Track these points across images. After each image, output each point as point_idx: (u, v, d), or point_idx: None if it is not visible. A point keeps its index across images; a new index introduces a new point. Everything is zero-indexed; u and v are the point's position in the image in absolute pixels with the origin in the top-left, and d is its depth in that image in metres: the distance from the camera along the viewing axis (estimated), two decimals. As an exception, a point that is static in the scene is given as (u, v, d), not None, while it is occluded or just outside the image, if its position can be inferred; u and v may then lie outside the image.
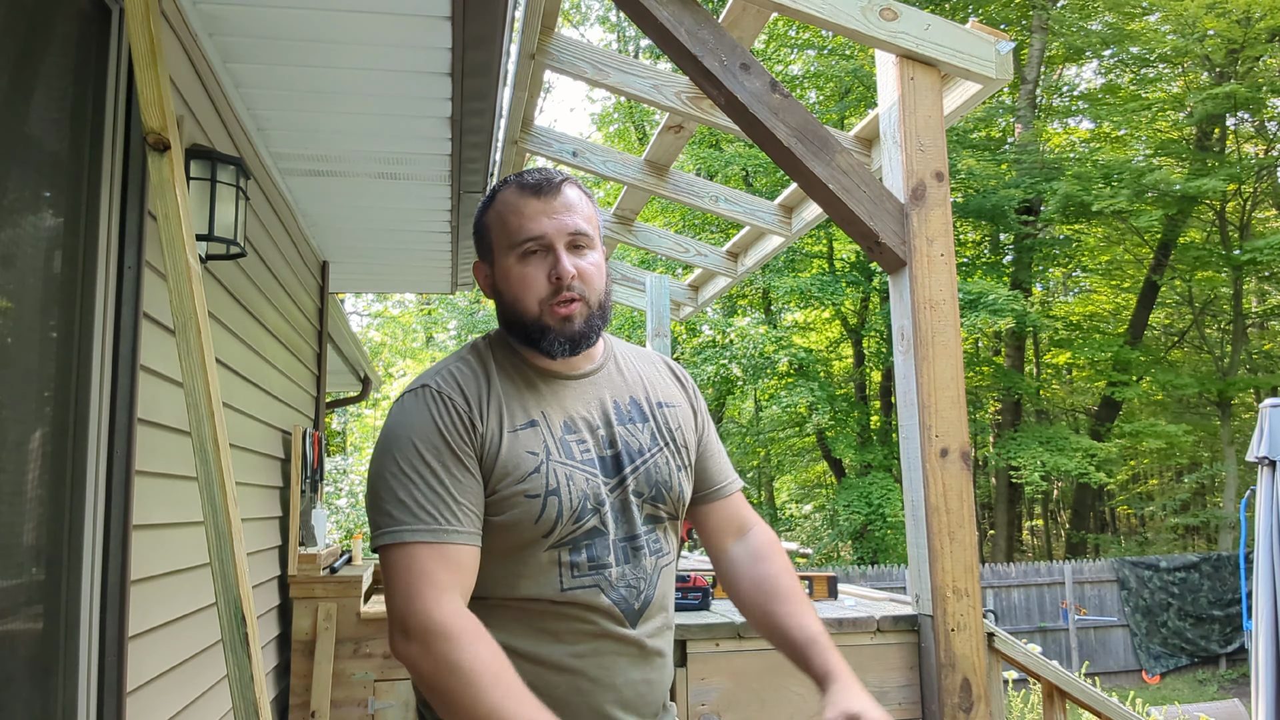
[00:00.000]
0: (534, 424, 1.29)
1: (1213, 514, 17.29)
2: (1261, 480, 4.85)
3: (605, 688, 1.28)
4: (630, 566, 1.30)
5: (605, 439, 1.33)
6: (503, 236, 1.32)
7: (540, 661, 1.26)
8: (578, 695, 1.26)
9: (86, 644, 1.82)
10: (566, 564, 1.26)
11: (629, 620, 1.29)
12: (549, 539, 1.25)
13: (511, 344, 1.37)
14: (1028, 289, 16.89)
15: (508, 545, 1.26)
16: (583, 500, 1.27)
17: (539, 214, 1.30)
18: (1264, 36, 14.90)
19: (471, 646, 1.12)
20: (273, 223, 3.50)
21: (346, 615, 3.63)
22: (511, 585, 1.27)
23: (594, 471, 1.30)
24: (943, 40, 2.41)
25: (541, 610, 1.26)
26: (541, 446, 1.28)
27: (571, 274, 1.28)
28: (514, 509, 1.24)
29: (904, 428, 2.41)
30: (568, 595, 1.26)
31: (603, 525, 1.28)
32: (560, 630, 1.27)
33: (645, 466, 1.35)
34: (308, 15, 2.37)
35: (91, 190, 1.90)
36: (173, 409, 2.24)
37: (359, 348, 6.47)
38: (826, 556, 16.48)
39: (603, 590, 1.27)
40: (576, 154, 3.97)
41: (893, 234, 2.35)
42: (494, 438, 1.26)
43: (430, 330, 18.73)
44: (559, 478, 1.26)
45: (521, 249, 1.30)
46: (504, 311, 1.35)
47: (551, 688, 1.24)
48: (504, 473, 1.24)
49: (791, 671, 1.31)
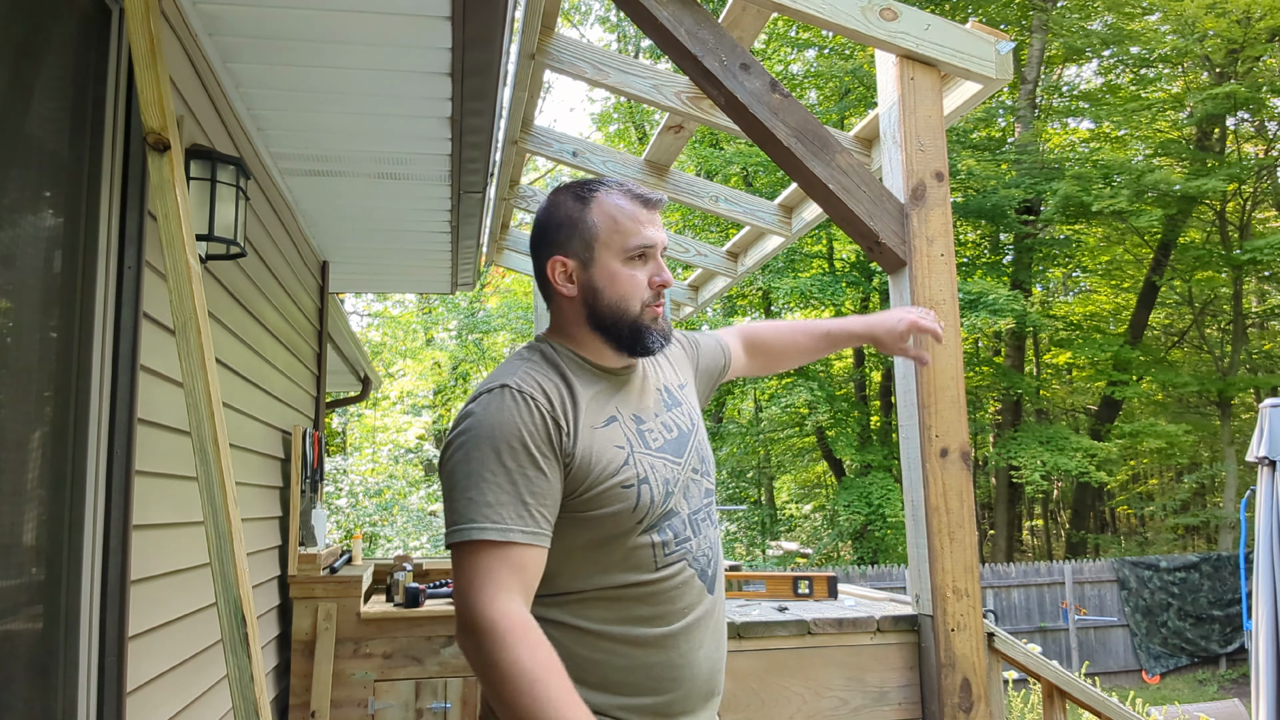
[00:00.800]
0: (614, 419, 1.38)
1: (1213, 514, 17.29)
2: (1261, 480, 4.85)
3: (693, 662, 1.37)
4: (701, 539, 1.42)
5: (664, 425, 1.45)
6: (614, 238, 1.39)
7: (638, 643, 1.33)
8: (672, 671, 1.35)
9: (86, 644, 1.82)
10: (657, 544, 1.36)
11: (708, 587, 1.42)
12: (641, 524, 1.34)
13: (567, 345, 1.44)
14: (1028, 289, 16.88)
15: (603, 536, 1.33)
16: (665, 485, 1.37)
17: (650, 224, 1.41)
18: (1264, 36, 14.89)
19: (515, 648, 1.17)
20: (273, 223, 3.50)
21: (346, 615, 3.63)
22: (607, 574, 1.34)
23: (666, 456, 1.41)
24: (943, 40, 2.41)
25: (636, 595, 1.34)
26: (624, 440, 1.37)
27: (671, 282, 1.43)
28: (613, 501, 1.32)
29: (904, 428, 2.41)
30: (661, 573, 1.35)
31: (678, 505, 1.39)
32: (652, 614, 1.35)
33: (694, 444, 1.48)
34: (308, 15, 2.37)
35: (91, 190, 1.90)
36: (173, 409, 2.24)
37: (359, 348, 6.47)
38: (826, 556, 16.47)
39: (688, 563, 1.39)
40: (576, 154, 3.97)
41: (893, 234, 2.35)
42: (581, 436, 1.33)
43: (430, 330, 18.72)
44: (644, 466, 1.36)
45: (634, 252, 1.39)
46: (599, 308, 1.40)
47: (649, 668, 1.33)
48: (598, 468, 1.32)
49: (791, 671, 1.50)
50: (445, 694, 3.66)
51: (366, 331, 18.28)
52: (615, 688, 1.33)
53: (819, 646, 2.44)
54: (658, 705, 1.34)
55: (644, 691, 1.34)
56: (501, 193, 4.48)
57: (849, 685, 2.43)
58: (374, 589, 4.35)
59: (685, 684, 1.37)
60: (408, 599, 3.73)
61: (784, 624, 2.43)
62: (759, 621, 2.43)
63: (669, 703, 1.35)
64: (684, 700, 1.37)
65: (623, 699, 1.33)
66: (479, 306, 18.43)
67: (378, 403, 16.40)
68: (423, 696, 3.64)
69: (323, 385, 4.82)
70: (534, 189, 5.04)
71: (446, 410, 18.10)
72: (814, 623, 2.45)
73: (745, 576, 2.95)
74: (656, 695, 1.34)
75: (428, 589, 3.84)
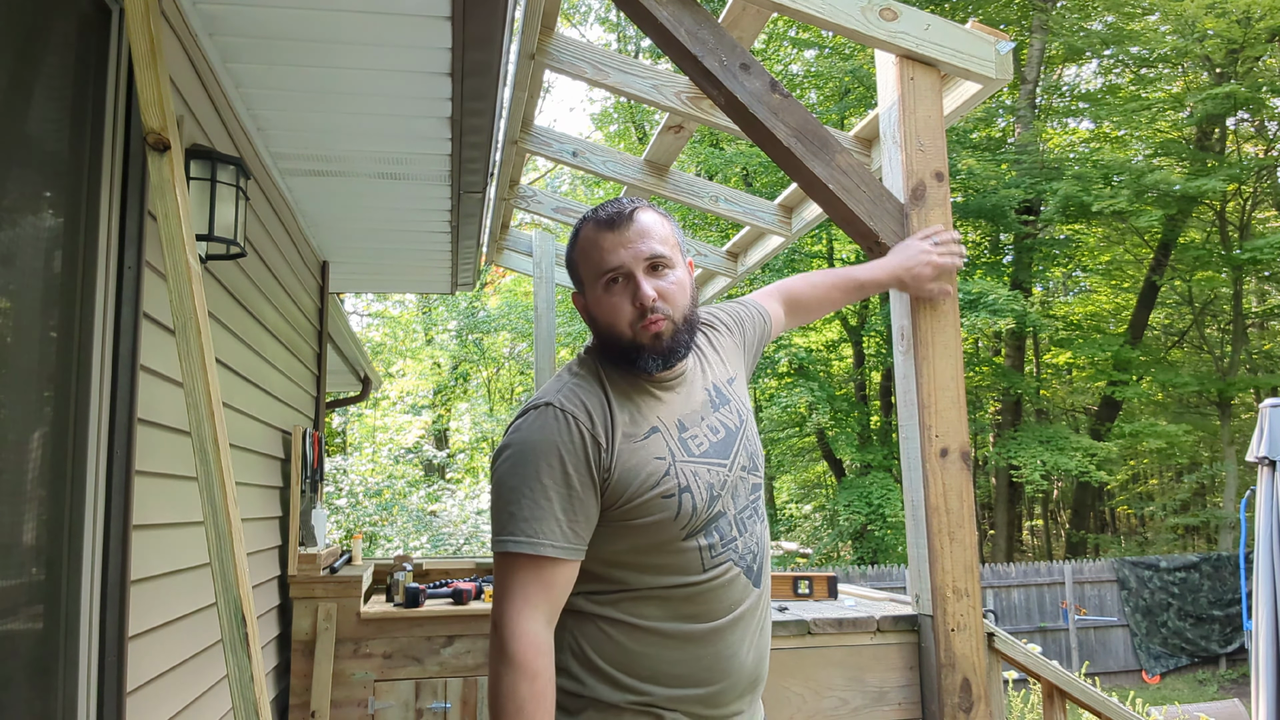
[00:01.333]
0: (655, 430, 1.42)
1: (1213, 514, 17.28)
2: (1261, 480, 4.85)
3: (739, 654, 1.43)
4: (748, 536, 1.47)
5: (711, 427, 1.48)
6: (588, 270, 1.45)
7: (687, 639, 1.39)
8: (720, 663, 1.41)
9: (86, 644, 1.82)
10: (705, 547, 1.40)
11: (754, 582, 1.47)
12: (685, 530, 1.39)
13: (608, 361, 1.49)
14: (1028, 289, 16.87)
15: (649, 543, 1.39)
16: (709, 490, 1.41)
17: (615, 246, 1.42)
18: (1264, 36, 14.88)
19: (515, 674, 1.29)
20: (273, 223, 3.50)
21: (346, 615, 3.63)
22: (657, 576, 1.40)
23: (711, 460, 1.44)
24: (943, 40, 2.40)
25: (685, 595, 1.40)
26: (666, 451, 1.41)
27: (652, 297, 1.40)
28: (655, 511, 1.37)
29: (904, 428, 2.41)
30: (709, 573, 1.40)
31: (725, 506, 1.44)
32: (700, 612, 1.40)
33: (742, 442, 1.51)
34: (308, 15, 2.37)
35: (91, 190, 1.90)
36: (173, 409, 2.24)
37: (359, 347, 6.46)
38: (826, 556, 16.47)
39: (734, 562, 1.43)
40: (576, 154, 3.97)
41: (893, 234, 2.35)
42: (620, 450, 1.38)
43: (430, 330, 18.72)
44: (686, 476, 1.40)
45: (605, 279, 1.42)
46: (600, 337, 1.47)
47: (698, 660, 1.40)
48: (638, 481, 1.37)
49: (791, 671, 1.55)
50: (445, 694, 3.66)
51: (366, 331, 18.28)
52: (666, 680, 1.39)
53: (819, 646, 2.44)
54: (706, 696, 1.41)
55: (693, 683, 1.40)
56: (501, 193, 4.48)
57: (849, 685, 2.43)
58: (374, 589, 4.35)
59: (733, 674, 1.43)
60: (408, 599, 3.73)
61: (784, 624, 2.43)
62: (759, 621, 2.42)
63: (718, 693, 1.42)
64: (731, 690, 1.43)
65: (673, 690, 1.40)
66: (479, 307, 18.41)
67: (378, 403, 16.40)
68: (423, 696, 3.64)
69: (323, 385, 4.82)
70: (534, 189, 5.04)
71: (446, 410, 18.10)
72: (814, 623, 2.45)
73: (745, 576, 2.95)
74: (705, 686, 1.40)
75: (428, 589, 3.84)
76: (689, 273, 1.49)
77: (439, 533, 12.04)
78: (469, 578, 4.28)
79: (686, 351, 1.46)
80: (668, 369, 1.45)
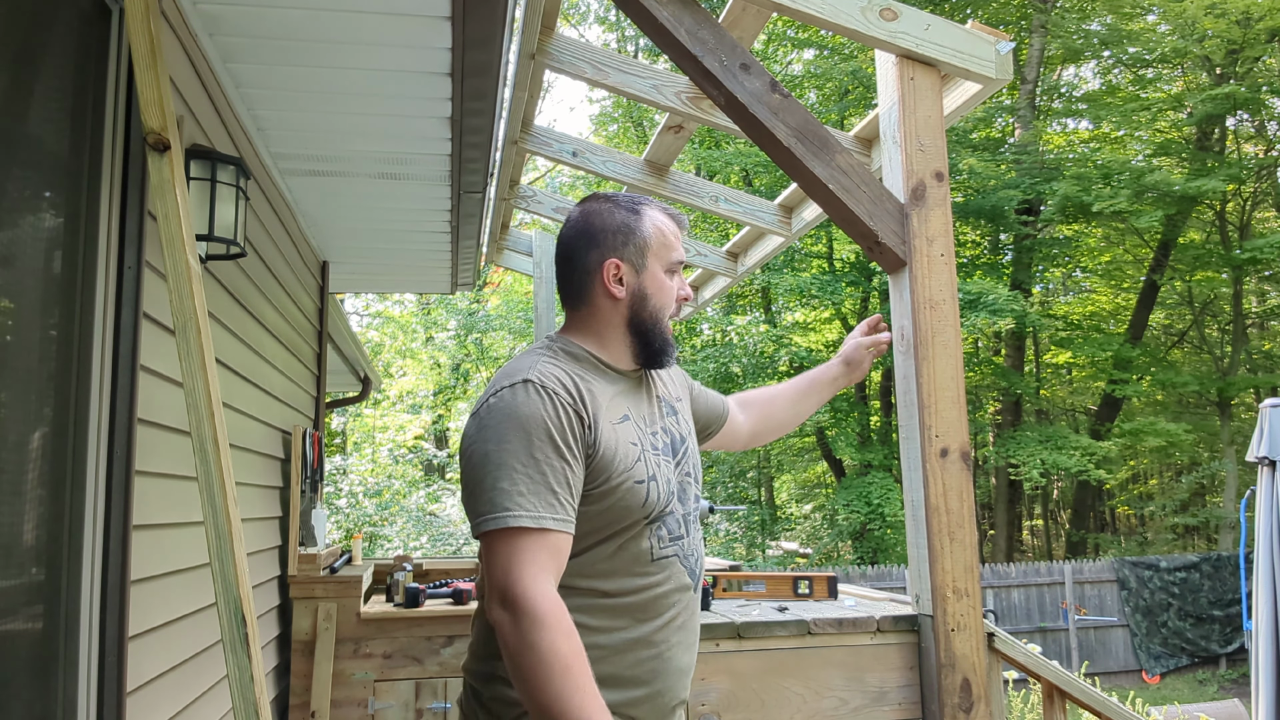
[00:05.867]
0: (627, 418, 1.46)
1: (1213, 514, 17.28)
2: (1261, 480, 4.85)
3: (677, 659, 1.45)
4: (691, 538, 1.51)
5: (664, 429, 1.53)
6: (663, 251, 1.52)
7: (631, 638, 1.40)
8: (661, 664, 1.42)
9: (86, 644, 1.82)
10: (657, 536, 1.44)
11: (694, 585, 1.50)
12: (646, 519, 1.42)
13: (587, 346, 1.50)
14: (1028, 289, 16.87)
15: (612, 528, 1.40)
16: (668, 483, 1.46)
17: (679, 243, 1.55)
18: (1263, 37, 14.88)
19: (552, 633, 1.23)
20: (273, 223, 3.50)
21: (346, 615, 3.63)
22: (612, 565, 1.40)
23: (668, 458, 1.50)
24: (943, 40, 2.40)
25: (632, 589, 1.41)
26: (637, 438, 1.45)
27: (690, 296, 1.56)
28: (627, 495, 1.39)
29: (904, 428, 2.41)
30: (656, 565, 1.43)
31: (675, 503, 1.48)
32: (645, 608, 1.42)
33: (688, 450, 1.57)
34: (307, 15, 2.37)
35: (91, 190, 1.90)
36: (173, 409, 2.24)
37: (359, 348, 6.46)
38: (826, 556, 16.47)
39: (679, 558, 1.47)
40: (576, 154, 3.97)
41: (893, 234, 2.35)
42: (603, 428, 1.39)
43: (430, 330, 18.71)
44: (653, 466, 1.44)
45: (674, 265, 1.53)
46: (643, 313, 1.50)
47: (640, 661, 1.40)
48: (616, 462, 1.39)
49: (791, 671, 1.56)
50: (445, 694, 3.65)
51: (366, 331, 18.28)
52: (608, 682, 1.37)
53: (819, 646, 2.44)
54: (645, 698, 1.41)
55: (634, 684, 1.40)
56: (501, 193, 4.48)
57: (849, 685, 2.43)
58: (374, 589, 4.35)
59: (670, 677, 1.44)
60: (408, 599, 3.73)
61: (784, 624, 2.43)
62: (759, 621, 2.43)
63: (656, 694, 1.42)
64: (667, 694, 1.44)
65: (615, 694, 1.37)
66: (478, 306, 18.41)
67: (378, 403, 16.40)
68: (423, 696, 3.64)
69: (323, 385, 4.82)
70: (534, 189, 5.04)
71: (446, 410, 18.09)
72: (814, 623, 2.45)
73: (745, 576, 2.95)
74: (644, 687, 1.41)
75: (428, 589, 3.84)
76: None
77: (439, 533, 12.05)
78: (469, 578, 4.28)
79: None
80: (670, 366, 1.55)
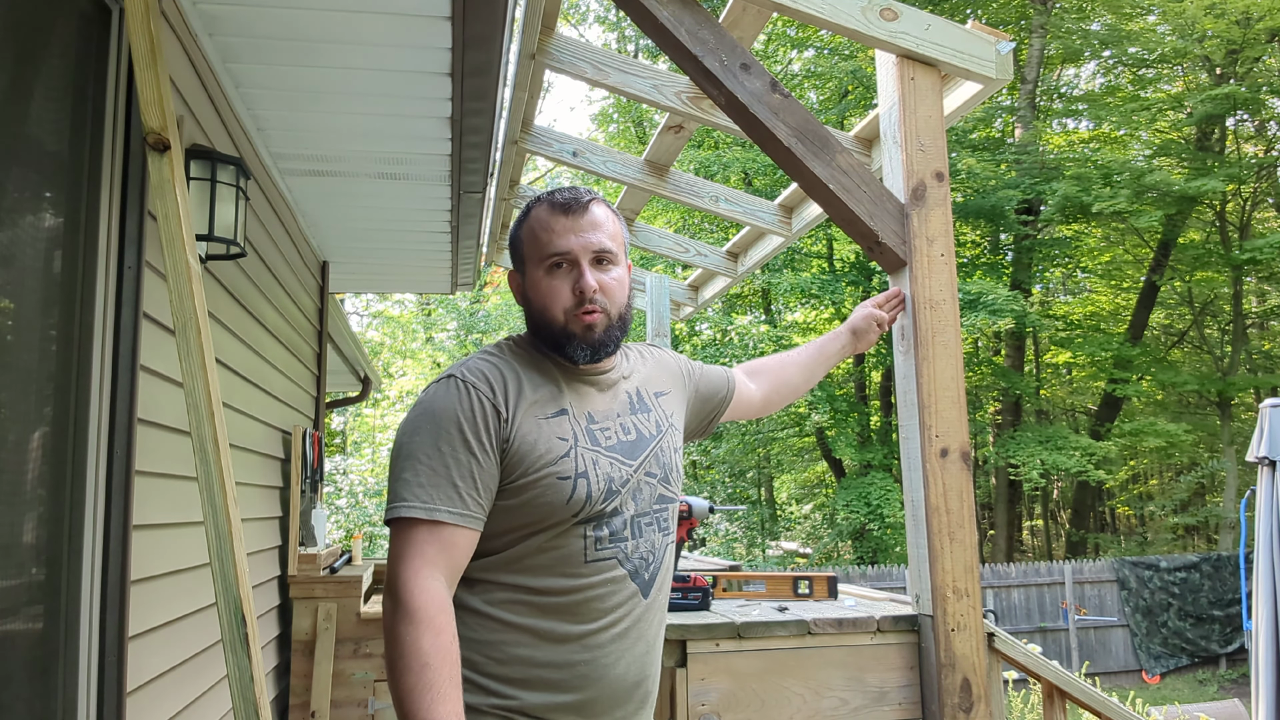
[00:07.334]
0: (563, 412, 1.42)
1: (1212, 514, 17.28)
2: (1261, 480, 4.85)
3: (615, 668, 1.39)
4: (641, 541, 1.44)
5: (624, 427, 1.47)
6: (533, 250, 1.45)
7: (561, 641, 1.36)
8: (593, 671, 1.37)
9: (86, 644, 1.82)
10: (591, 538, 1.38)
11: (644, 592, 1.44)
12: (577, 517, 1.37)
13: (534, 344, 1.49)
14: (1027, 289, 16.88)
15: (538, 525, 1.36)
16: (607, 482, 1.40)
17: (567, 231, 1.43)
18: (1263, 37, 14.89)
19: (418, 628, 1.23)
20: (273, 223, 3.50)
21: (346, 615, 3.62)
22: (539, 561, 1.37)
23: (617, 456, 1.43)
24: (943, 40, 2.40)
25: (563, 589, 1.37)
26: (570, 434, 1.40)
27: (593, 288, 1.41)
28: (546, 489, 1.35)
29: (904, 428, 2.41)
30: (590, 566, 1.38)
31: (622, 504, 1.41)
32: (577, 611, 1.37)
33: (655, 449, 1.50)
34: (308, 15, 2.37)
35: (91, 190, 1.90)
36: (173, 409, 2.24)
37: (359, 348, 6.46)
38: (826, 556, 16.47)
39: (620, 562, 1.41)
40: (576, 154, 3.97)
41: (893, 234, 2.35)
42: (523, 424, 1.37)
43: (430, 330, 18.72)
44: (586, 462, 1.39)
45: (549, 263, 1.43)
46: (532, 319, 1.48)
47: (570, 665, 1.36)
48: (535, 455, 1.35)
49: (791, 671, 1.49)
50: (445, 694, 3.65)
51: (366, 331, 18.28)
52: (535, 684, 1.35)
53: (819, 646, 2.44)
54: (574, 704, 1.36)
55: (562, 689, 1.35)
56: (501, 193, 4.48)
57: (849, 685, 2.43)
58: (374, 589, 4.35)
59: (606, 685, 1.38)
60: (408, 599, 3.72)
61: (784, 624, 2.43)
62: (759, 621, 2.42)
63: (586, 702, 1.37)
64: (601, 701, 1.38)
65: (541, 696, 1.35)
66: (479, 306, 18.41)
67: (378, 403, 16.41)
68: (423, 696, 3.64)
69: (323, 385, 4.82)
70: (534, 189, 5.04)
71: (446, 410, 18.02)
72: (814, 623, 2.45)
73: (745, 576, 2.95)
74: (574, 693, 1.36)
75: (428, 589, 3.83)
76: (628, 274, 1.52)
77: (439, 533, 12.00)
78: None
79: (615, 348, 1.47)
80: (594, 362, 1.46)
